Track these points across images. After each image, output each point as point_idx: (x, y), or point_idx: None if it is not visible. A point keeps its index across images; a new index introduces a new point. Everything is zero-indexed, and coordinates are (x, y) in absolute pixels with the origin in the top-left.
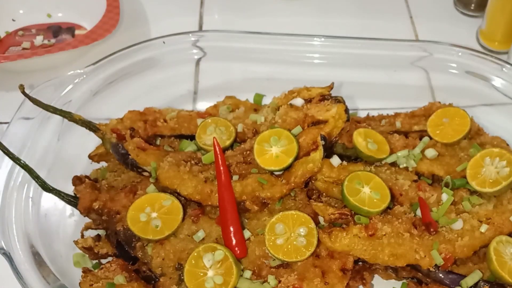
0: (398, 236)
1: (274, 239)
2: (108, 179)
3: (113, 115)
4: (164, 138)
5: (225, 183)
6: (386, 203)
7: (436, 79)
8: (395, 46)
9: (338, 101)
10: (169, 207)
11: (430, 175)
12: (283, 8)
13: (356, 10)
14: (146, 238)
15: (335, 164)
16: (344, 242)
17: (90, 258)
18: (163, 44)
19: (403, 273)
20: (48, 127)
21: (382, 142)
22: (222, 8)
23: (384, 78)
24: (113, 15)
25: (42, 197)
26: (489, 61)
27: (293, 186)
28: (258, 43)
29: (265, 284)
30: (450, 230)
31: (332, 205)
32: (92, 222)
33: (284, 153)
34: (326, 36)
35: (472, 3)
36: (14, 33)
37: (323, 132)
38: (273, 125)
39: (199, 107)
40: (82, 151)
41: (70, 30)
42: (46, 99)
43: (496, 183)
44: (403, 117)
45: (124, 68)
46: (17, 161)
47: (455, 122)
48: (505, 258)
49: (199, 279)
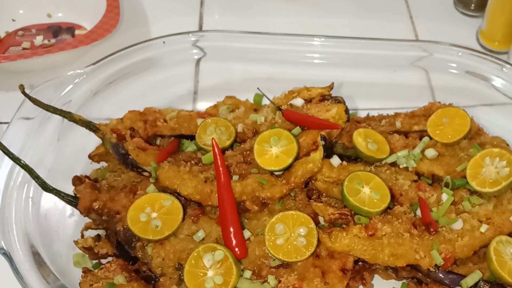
0: (398, 236)
1: (274, 239)
2: (108, 179)
3: (113, 115)
4: (164, 138)
5: (225, 184)
6: (386, 203)
7: (436, 79)
8: (395, 46)
9: (338, 101)
10: (169, 207)
11: (430, 175)
12: (283, 8)
13: (356, 10)
14: (146, 238)
15: (335, 164)
16: (344, 242)
17: (90, 258)
18: (163, 44)
19: (403, 273)
20: (48, 127)
21: (382, 142)
22: (222, 8)
23: (384, 78)
24: (113, 15)
25: (42, 197)
26: (489, 61)
27: (293, 186)
28: (258, 43)
29: (265, 284)
30: (450, 230)
31: (332, 205)
32: (92, 222)
33: (284, 153)
34: (326, 36)
35: (472, 3)
36: (14, 33)
37: (323, 132)
38: (273, 125)
39: (199, 107)
40: (82, 151)
41: (70, 30)
42: (46, 99)
43: (496, 183)
44: (403, 117)
45: (124, 68)
46: (17, 161)
47: (455, 122)
48: (505, 258)
49: (199, 279)
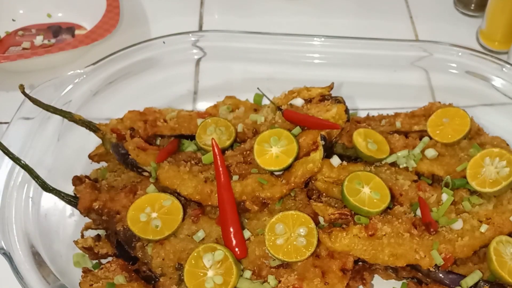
0: (398, 236)
1: (274, 239)
2: (108, 179)
3: (113, 115)
4: (164, 138)
5: (225, 184)
6: (386, 203)
7: (436, 79)
8: (395, 46)
9: (338, 101)
10: (169, 207)
11: (430, 175)
12: (283, 8)
13: (356, 10)
14: (146, 238)
15: (335, 164)
16: (344, 242)
17: (90, 258)
18: (163, 44)
19: (403, 273)
20: (48, 127)
21: (382, 142)
22: (222, 8)
23: (384, 78)
24: (113, 15)
25: (42, 197)
26: (489, 61)
27: (293, 186)
28: (258, 43)
29: (265, 284)
30: (450, 230)
31: (332, 205)
32: (92, 222)
33: (284, 153)
34: (326, 36)
35: (472, 3)
36: (14, 33)
37: (323, 132)
38: (273, 125)
39: (199, 107)
40: (82, 151)
41: (70, 30)
42: (46, 99)
43: (496, 183)
44: (403, 117)
45: (124, 68)
46: (17, 161)
47: (455, 122)
48: (505, 258)
49: (199, 279)
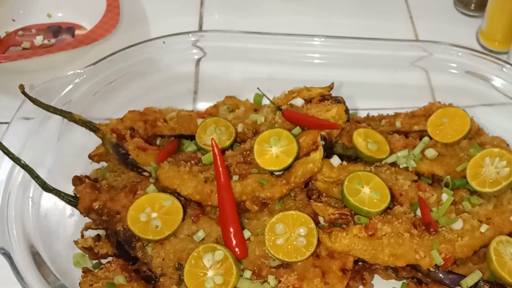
0: (398, 236)
1: (274, 239)
2: (108, 179)
3: (113, 115)
4: (164, 138)
5: (225, 184)
6: (386, 203)
7: (436, 79)
8: (395, 46)
9: (338, 101)
10: (169, 207)
11: (430, 175)
12: (283, 8)
13: (356, 10)
14: (146, 238)
15: (335, 164)
16: (344, 242)
17: (90, 258)
18: (163, 44)
19: (403, 273)
20: (48, 127)
21: (382, 142)
22: (222, 8)
23: (384, 78)
24: (113, 15)
25: (42, 197)
26: (489, 61)
27: (293, 186)
28: (258, 43)
29: (265, 284)
30: (450, 230)
31: (332, 205)
32: (92, 222)
33: (284, 153)
34: (326, 36)
35: (472, 3)
36: (14, 33)
37: (323, 132)
38: (273, 125)
39: (199, 107)
40: (82, 151)
41: (70, 30)
42: (46, 99)
43: (496, 183)
44: (403, 117)
45: (124, 68)
46: (17, 161)
47: (455, 122)
48: (505, 258)
49: (199, 279)
